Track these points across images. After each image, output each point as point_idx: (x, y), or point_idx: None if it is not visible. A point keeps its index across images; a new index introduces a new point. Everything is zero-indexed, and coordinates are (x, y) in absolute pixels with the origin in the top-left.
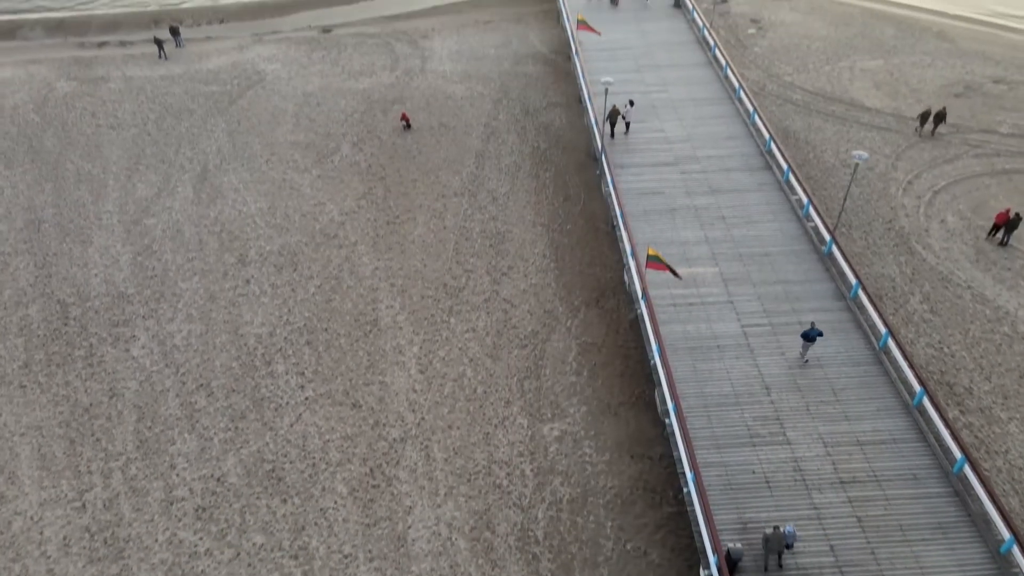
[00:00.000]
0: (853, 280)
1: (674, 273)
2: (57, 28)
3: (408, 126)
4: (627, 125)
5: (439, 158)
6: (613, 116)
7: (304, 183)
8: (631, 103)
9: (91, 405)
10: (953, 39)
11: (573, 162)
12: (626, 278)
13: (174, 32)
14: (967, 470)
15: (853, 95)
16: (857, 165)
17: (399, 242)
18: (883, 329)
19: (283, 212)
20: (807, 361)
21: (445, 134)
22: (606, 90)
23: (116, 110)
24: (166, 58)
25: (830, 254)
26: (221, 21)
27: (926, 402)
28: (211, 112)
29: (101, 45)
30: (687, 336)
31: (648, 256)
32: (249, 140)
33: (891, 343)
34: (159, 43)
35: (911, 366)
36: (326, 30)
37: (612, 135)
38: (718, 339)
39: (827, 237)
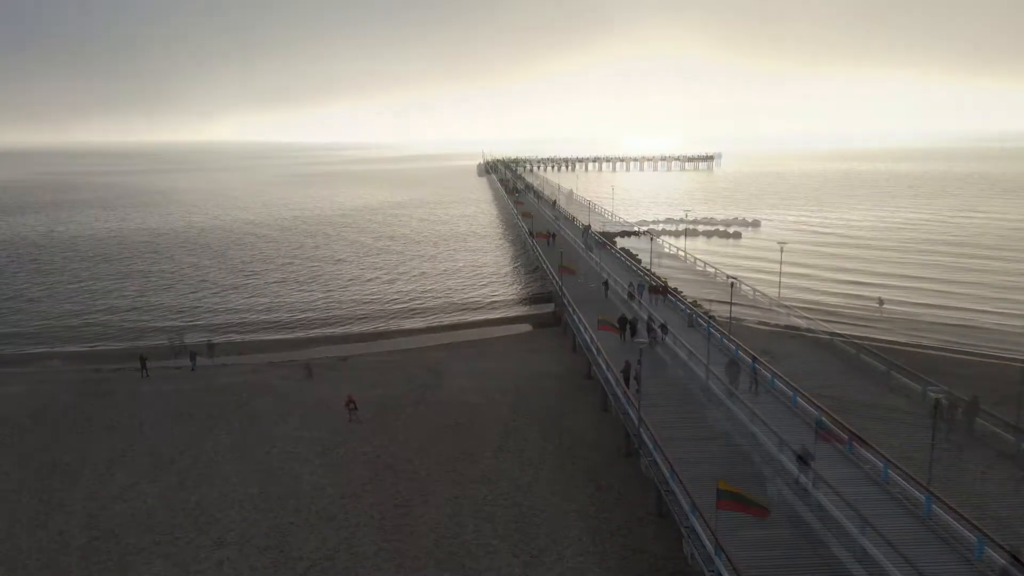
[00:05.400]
0: (972, 538)
1: (758, 511)
2: (78, 358)
3: (355, 409)
4: (638, 381)
5: (456, 451)
6: (627, 370)
7: (304, 471)
8: (639, 362)
9: None
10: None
11: (602, 459)
12: (686, 549)
13: (192, 357)
14: None
15: None
16: (938, 401)
17: (409, 524)
18: None
19: (276, 496)
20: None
21: (461, 432)
22: (640, 350)
23: (115, 415)
24: (147, 376)
25: (930, 515)
26: (240, 353)
27: None
28: (214, 415)
29: (117, 370)
30: None
31: (720, 491)
32: (249, 436)
33: None
34: (143, 361)
35: None
36: (342, 359)
37: (628, 384)
38: None
39: (920, 496)
